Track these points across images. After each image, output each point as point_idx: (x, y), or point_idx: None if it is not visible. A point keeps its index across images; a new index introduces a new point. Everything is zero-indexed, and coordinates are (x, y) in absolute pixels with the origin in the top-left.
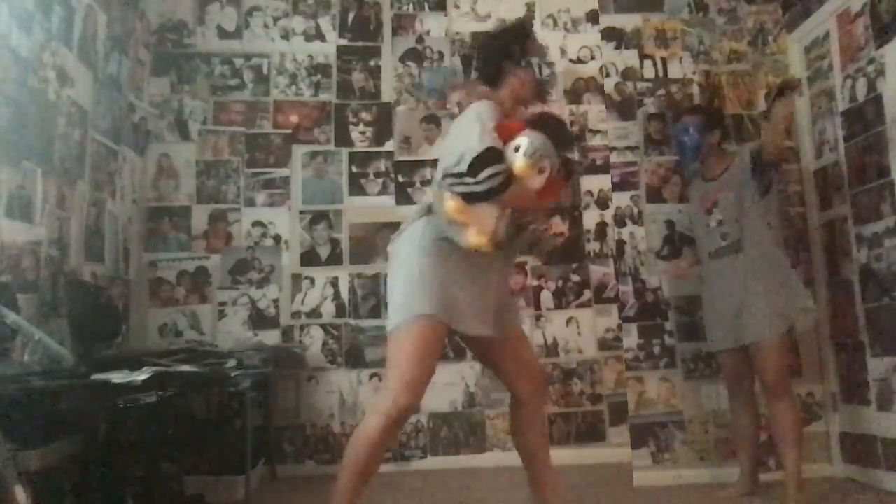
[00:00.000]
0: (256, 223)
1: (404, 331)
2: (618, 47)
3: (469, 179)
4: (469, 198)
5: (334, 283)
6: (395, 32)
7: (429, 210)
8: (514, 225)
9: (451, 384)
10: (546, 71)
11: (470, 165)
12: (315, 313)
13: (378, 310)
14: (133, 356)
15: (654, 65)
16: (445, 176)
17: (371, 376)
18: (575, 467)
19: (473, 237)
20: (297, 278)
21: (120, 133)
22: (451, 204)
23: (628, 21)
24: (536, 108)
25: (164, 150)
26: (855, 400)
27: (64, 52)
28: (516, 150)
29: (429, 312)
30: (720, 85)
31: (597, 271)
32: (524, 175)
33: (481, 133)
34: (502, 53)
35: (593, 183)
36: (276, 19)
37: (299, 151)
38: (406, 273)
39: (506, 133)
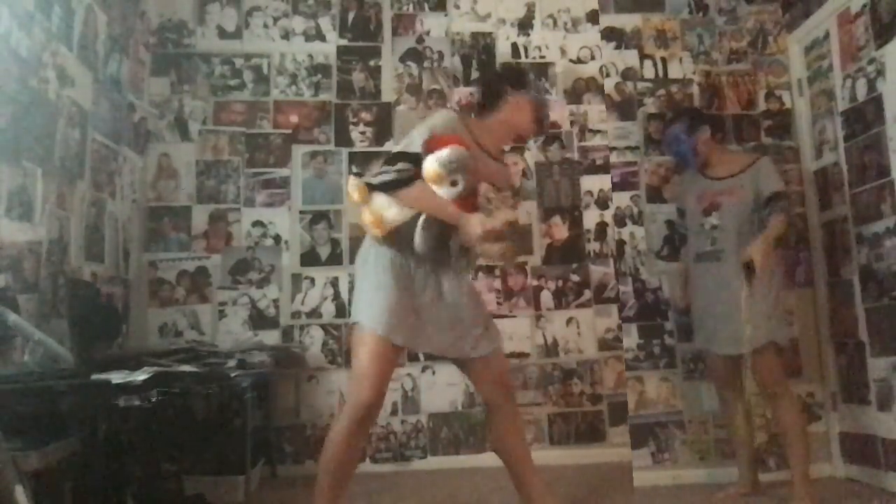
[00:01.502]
0: (256, 223)
1: (364, 330)
2: (618, 47)
3: (373, 171)
4: (368, 187)
5: (334, 283)
6: (395, 32)
7: None
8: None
9: (451, 384)
10: (546, 110)
11: (384, 160)
12: (315, 313)
13: None
14: (133, 356)
15: (654, 65)
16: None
17: None
18: (575, 467)
19: (364, 218)
20: (297, 278)
21: (120, 133)
22: (350, 182)
23: (628, 21)
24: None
25: (164, 150)
26: (855, 400)
27: (64, 52)
28: (436, 158)
29: (382, 335)
30: (720, 85)
31: (597, 271)
32: (432, 181)
33: (409, 140)
34: (504, 78)
35: (593, 183)
36: (276, 19)
37: (299, 151)
38: (366, 285)
39: (442, 143)
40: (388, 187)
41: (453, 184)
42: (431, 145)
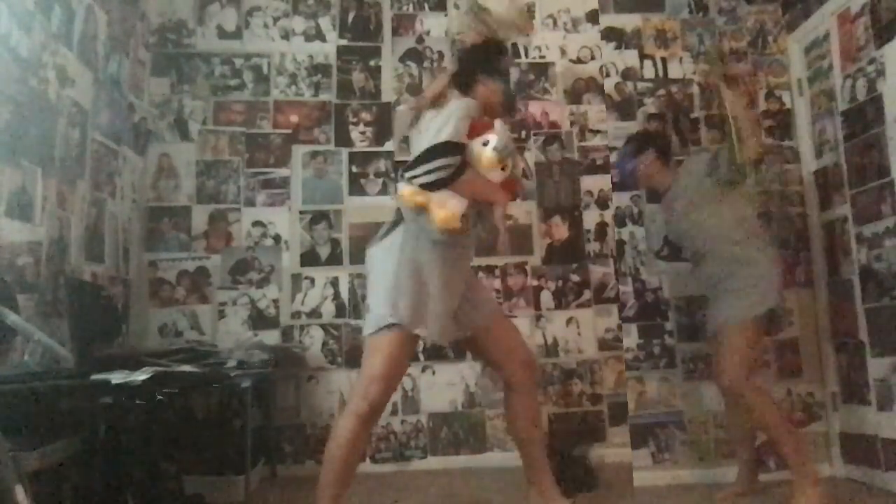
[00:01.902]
0: (256, 223)
1: (381, 335)
2: (618, 47)
3: (420, 169)
4: (423, 186)
5: (334, 283)
6: (395, 32)
7: (400, 216)
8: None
9: (451, 384)
10: (513, 88)
11: (425, 155)
12: (315, 313)
13: None
14: (133, 356)
15: (654, 65)
16: (406, 169)
17: None
18: None
19: (440, 215)
20: (297, 278)
21: (120, 133)
22: (405, 191)
23: (628, 21)
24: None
25: (164, 150)
26: (855, 400)
27: (64, 52)
28: (485, 144)
29: (404, 323)
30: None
31: (597, 271)
32: (490, 168)
33: (447, 128)
34: (478, 63)
35: (593, 183)
36: (276, 19)
37: (299, 151)
38: (384, 281)
39: (476, 130)
40: (449, 180)
41: (503, 168)
42: (472, 132)
